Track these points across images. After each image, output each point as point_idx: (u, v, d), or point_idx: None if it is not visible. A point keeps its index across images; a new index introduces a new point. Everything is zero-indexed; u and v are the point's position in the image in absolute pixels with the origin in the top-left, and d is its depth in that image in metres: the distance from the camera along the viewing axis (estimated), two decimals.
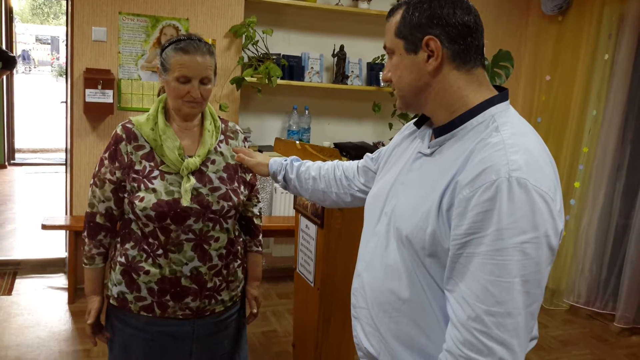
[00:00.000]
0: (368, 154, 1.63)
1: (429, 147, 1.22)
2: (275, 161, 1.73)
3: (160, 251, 1.67)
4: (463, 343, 1.05)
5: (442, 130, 1.19)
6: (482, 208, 1.03)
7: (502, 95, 1.19)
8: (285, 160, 1.73)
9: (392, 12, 1.23)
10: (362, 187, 1.61)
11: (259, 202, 2.00)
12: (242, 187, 1.81)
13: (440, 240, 1.11)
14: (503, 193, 1.02)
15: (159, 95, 1.81)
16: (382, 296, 1.24)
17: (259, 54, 4.03)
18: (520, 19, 4.66)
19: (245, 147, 1.90)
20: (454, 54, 1.15)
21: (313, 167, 1.70)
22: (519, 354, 1.05)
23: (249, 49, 4.01)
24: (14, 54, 2.60)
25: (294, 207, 2.70)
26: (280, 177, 1.74)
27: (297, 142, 2.64)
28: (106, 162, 1.70)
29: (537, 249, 1.03)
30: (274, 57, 4.03)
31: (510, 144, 1.07)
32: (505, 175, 1.03)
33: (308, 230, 2.54)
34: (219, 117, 1.84)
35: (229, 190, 1.74)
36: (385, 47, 1.24)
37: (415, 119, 1.35)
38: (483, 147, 1.09)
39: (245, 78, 3.87)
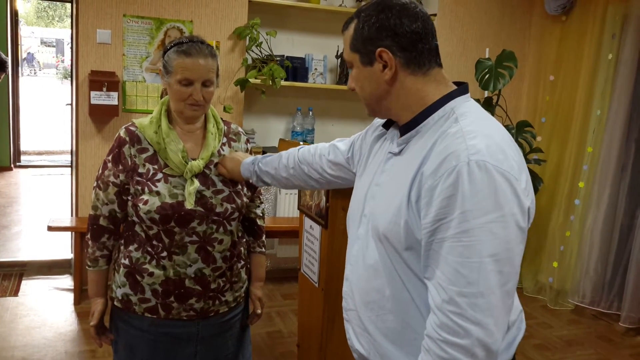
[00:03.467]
0: (338, 145, 1.64)
1: (397, 146, 1.26)
2: (246, 168, 1.76)
3: (164, 253, 1.68)
4: (440, 326, 1.08)
5: (407, 128, 1.24)
6: (446, 194, 1.07)
7: (461, 89, 1.24)
8: (253, 163, 1.76)
9: (346, 25, 1.27)
10: (332, 178, 1.65)
11: (262, 203, 2.01)
12: (245, 189, 1.82)
13: (413, 231, 1.15)
14: (463, 177, 1.06)
15: (161, 97, 1.82)
16: (367, 296, 1.28)
17: (263, 55, 4.04)
18: (524, 19, 4.66)
19: (248, 148, 1.90)
20: (407, 61, 1.19)
21: (281, 168, 1.74)
22: (496, 333, 1.07)
23: (252, 51, 4.02)
24: (5, 58, 2.61)
25: (298, 208, 2.71)
26: (253, 181, 1.78)
27: (301, 143, 2.65)
28: (110, 165, 1.70)
29: (504, 228, 1.06)
30: (278, 58, 4.04)
31: (468, 130, 1.12)
32: (465, 159, 1.07)
33: (312, 230, 2.55)
34: (221, 119, 1.85)
35: (232, 193, 1.75)
36: (344, 59, 1.31)
37: (384, 121, 1.39)
38: (444, 137, 1.14)
39: (249, 80, 3.88)
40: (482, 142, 1.09)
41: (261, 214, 2.00)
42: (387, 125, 1.36)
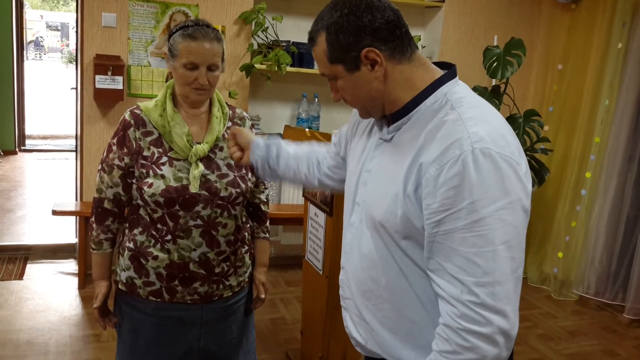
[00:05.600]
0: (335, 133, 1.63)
1: (388, 133, 1.24)
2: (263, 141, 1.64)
3: (168, 237, 1.68)
4: (460, 317, 1.07)
5: (398, 115, 1.21)
6: (452, 184, 1.05)
7: (450, 73, 1.21)
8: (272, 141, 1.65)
9: (312, 40, 1.23)
10: (328, 172, 1.60)
11: (266, 188, 2.00)
12: (249, 174, 1.81)
13: (411, 221, 1.13)
14: (469, 166, 1.04)
15: (166, 81, 1.81)
16: (364, 285, 1.28)
17: (269, 40, 4.01)
18: (533, 7, 4.61)
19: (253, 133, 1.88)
20: (392, 52, 1.17)
21: (292, 145, 1.67)
22: (514, 319, 1.08)
23: (258, 36, 3.99)
24: None
25: (303, 195, 2.70)
26: (261, 147, 1.60)
27: (307, 129, 2.64)
28: (114, 147, 1.70)
29: (513, 214, 1.06)
30: (284, 44, 4.01)
31: (467, 117, 1.10)
32: (469, 147, 1.05)
33: (317, 218, 2.54)
34: (226, 103, 1.84)
35: (237, 177, 1.74)
36: (323, 74, 1.26)
37: None
38: (442, 125, 1.12)
39: (255, 65, 3.85)
40: (483, 129, 1.08)
41: (265, 200, 1.99)
42: None
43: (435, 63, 1.25)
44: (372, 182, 1.26)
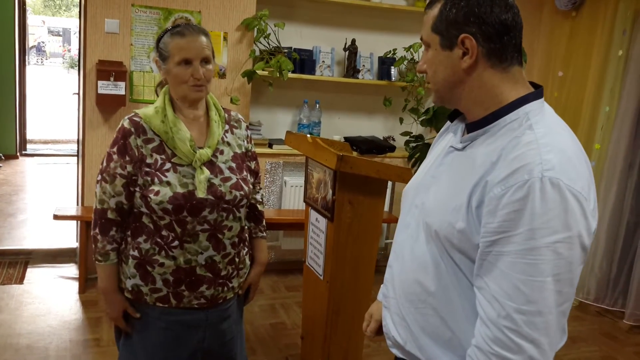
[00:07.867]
0: None
1: (461, 142, 1.22)
2: None
3: (175, 242, 1.69)
4: (493, 340, 1.07)
5: (475, 125, 1.19)
6: (514, 207, 1.04)
7: (537, 92, 1.18)
8: None
9: (430, 4, 1.21)
10: None
11: (261, 188, 2.04)
12: (249, 176, 1.83)
13: (469, 236, 1.12)
14: (535, 193, 1.02)
15: (156, 90, 1.83)
16: (409, 287, 1.27)
17: (271, 47, 4.03)
18: (534, 14, 4.62)
19: (248, 135, 1.91)
20: (489, 52, 1.14)
21: None
22: (549, 353, 1.07)
23: (260, 42, 4.01)
24: None
25: (304, 201, 2.71)
26: None
27: (308, 135, 2.65)
28: (115, 156, 1.69)
29: (569, 249, 1.04)
30: (286, 50, 4.03)
31: (543, 143, 1.07)
32: (538, 175, 1.03)
33: (318, 223, 2.55)
34: (221, 106, 1.86)
35: (240, 180, 1.76)
36: (422, 39, 1.23)
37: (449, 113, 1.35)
38: (516, 145, 1.09)
39: (257, 71, 3.87)
40: (557, 158, 1.05)
41: (261, 199, 2.03)
42: (451, 117, 1.33)
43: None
44: (435, 189, 1.24)
